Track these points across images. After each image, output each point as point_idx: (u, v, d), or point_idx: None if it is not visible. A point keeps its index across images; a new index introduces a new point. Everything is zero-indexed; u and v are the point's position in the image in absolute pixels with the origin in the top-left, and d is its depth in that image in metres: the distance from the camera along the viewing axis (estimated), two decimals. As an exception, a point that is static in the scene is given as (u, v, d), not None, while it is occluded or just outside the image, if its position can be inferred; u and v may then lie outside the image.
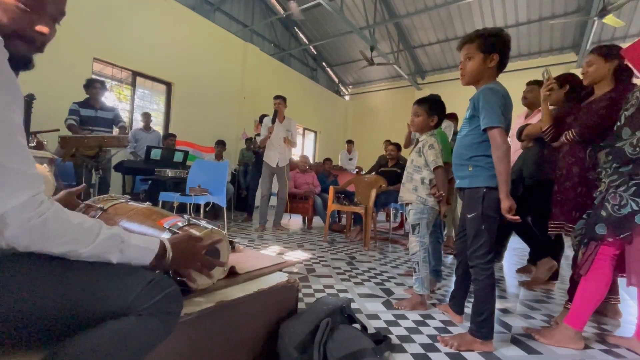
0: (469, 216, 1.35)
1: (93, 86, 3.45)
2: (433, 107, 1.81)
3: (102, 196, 1.04)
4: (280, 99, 3.80)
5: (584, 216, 1.47)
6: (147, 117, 4.73)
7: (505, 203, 1.24)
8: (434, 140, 1.79)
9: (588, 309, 1.36)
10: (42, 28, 0.62)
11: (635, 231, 1.25)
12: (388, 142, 4.55)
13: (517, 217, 1.25)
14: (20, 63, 0.62)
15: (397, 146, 4.33)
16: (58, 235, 0.57)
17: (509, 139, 1.31)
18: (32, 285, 0.57)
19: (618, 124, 1.37)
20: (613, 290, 1.79)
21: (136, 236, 0.70)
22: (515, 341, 1.41)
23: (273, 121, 3.78)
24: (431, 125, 1.83)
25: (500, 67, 1.35)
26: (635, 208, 1.24)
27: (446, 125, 3.23)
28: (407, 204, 1.85)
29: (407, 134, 3.04)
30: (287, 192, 4.01)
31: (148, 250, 0.70)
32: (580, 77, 1.75)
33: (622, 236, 1.27)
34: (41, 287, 0.58)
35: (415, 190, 1.80)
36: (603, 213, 1.33)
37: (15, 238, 0.53)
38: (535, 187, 2.18)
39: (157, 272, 0.71)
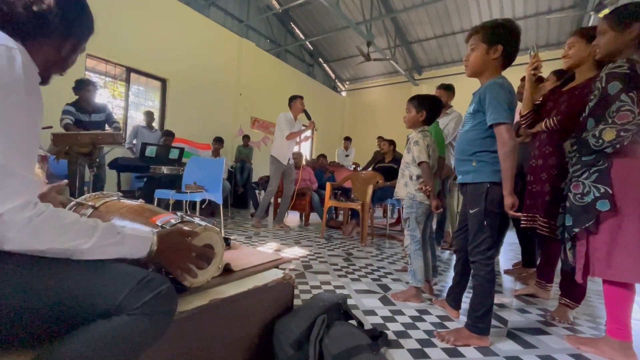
0: (471, 211, 1.34)
1: (87, 89, 3.31)
2: (421, 103, 1.86)
3: (93, 194, 1.03)
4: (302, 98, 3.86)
5: (560, 210, 1.45)
6: (150, 116, 4.81)
7: (509, 199, 1.23)
8: (420, 136, 1.83)
9: (624, 312, 1.24)
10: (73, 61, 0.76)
11: (598, 219, 1.23)
12: (381, 138, 4.53)
13: (520, 214, 1.26)
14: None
15: (391, 142, 4.32)
16: (60, 233, 0.57)
17: None
18: (19, 284, 0.56)
19: (583, 114, 1.35)
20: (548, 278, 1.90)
21: (128, 228, 0.70)
22: (511, 335, 1.41)
23: (309, 118, 3.83)
24: (420, 121, 1.87)
25: (508, 60, 1.32)
26: (597, 194, 1.22)
27: (455, 115, 3.03)
28: (402, 199, 1.91)
29: None
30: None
31: (144, 239, 0.70)
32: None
33: (586, 225, 1.25)
34: (29, 286, 0.56)
35: (405, 185, 1.87)
36: (567, 204, 1.32)
37: (18, 240, 0.53)
38: None
39: (149, 270, 0.70)
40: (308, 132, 3.92)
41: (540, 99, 1.84)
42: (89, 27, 0.75)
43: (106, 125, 3.49)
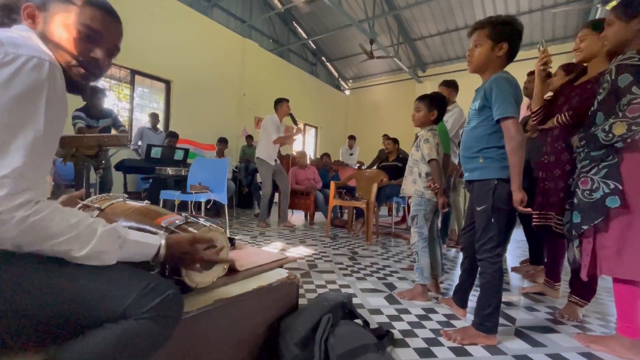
0: (478, 209, 1.33)
1: (97, 96, 3.38)
2: (433, 103, 1.87)
3: (99, 196, 1.03)
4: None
5: (567, 207, 1.42)
6: (154, 117, 4.86)
7: (517, 195, 1.21)
8: (430, 135, 1.84)
9: (635, 310, 1.21)
10: (96, 53, 0.70)
11: (608, 216, 1.20)
12: (386, 136, 4.51)
13: (529, 209, 1.24)
14: (75, 89, 0.71)
15: (395, 140, 4.31)
16: (56, 234, 0.56)
17: None
18: (25, 287, 0.56)
19: (592, 108, 1.32)
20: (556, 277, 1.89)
21: (135, 232, 0.69)
22: (519, 334, 1.40)
23: (295, 122, 3.94)
24: (431, 120, 1.88)
25: (510, 56, 1.31)
26: (607, 191, 1.19)
27: (456, 110, 3.03)
28: (409, 197, 1.91)
29: None
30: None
31: (149, 246, 0.70)
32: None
33: (595, 222, 1.22)
34: (34, 289, 0.57)
35: (414, 183, 1.87)
36: (575, 200, 1.29)
37: (13, 237, 0.53)
38: None
39: (155, 274, 0.71)
40: (294, 137, 4.08)
41: (551, 94, 1.81)
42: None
43: (112, 130, 3.54)
